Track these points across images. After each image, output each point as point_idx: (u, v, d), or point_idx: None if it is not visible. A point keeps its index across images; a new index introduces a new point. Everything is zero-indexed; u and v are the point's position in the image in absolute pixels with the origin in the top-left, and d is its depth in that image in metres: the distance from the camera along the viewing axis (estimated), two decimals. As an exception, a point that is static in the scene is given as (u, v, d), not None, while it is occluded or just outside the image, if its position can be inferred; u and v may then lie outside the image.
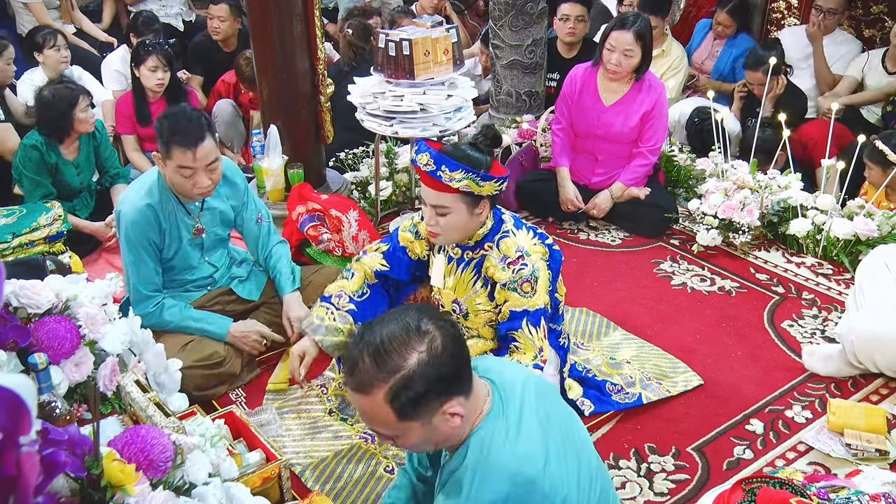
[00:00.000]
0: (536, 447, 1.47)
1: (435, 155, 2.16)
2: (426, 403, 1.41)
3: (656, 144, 3.64)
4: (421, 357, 1.39)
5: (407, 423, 1.42)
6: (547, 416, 1.54)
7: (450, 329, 1.45)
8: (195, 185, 2.48)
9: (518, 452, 1.46)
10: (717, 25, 4.92)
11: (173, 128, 2.43)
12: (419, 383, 1.38)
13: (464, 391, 1.46)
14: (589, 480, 1.54)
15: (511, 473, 1.43)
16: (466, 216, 2.23)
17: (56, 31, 4.50)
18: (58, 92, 3.42)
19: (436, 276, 2.45)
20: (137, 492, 1.40)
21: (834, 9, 4.45)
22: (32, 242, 3.15)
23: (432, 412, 1.42)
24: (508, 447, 1.46)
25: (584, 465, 1.54)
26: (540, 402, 1.56)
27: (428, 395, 1.40)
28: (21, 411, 0.87)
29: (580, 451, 1.56)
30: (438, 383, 1.40)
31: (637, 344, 2.91)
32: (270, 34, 3.32)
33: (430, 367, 1.39)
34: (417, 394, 1.39)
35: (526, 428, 1.49)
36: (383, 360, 1.39)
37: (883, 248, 2.93)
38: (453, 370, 1.42)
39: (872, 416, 2.43)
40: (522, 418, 1.51)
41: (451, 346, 1.43)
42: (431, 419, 1.43)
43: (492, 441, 1.47)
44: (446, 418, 1.44)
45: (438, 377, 1.40)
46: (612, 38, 3.45)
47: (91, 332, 1.79)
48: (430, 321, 1.44)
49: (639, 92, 3.56)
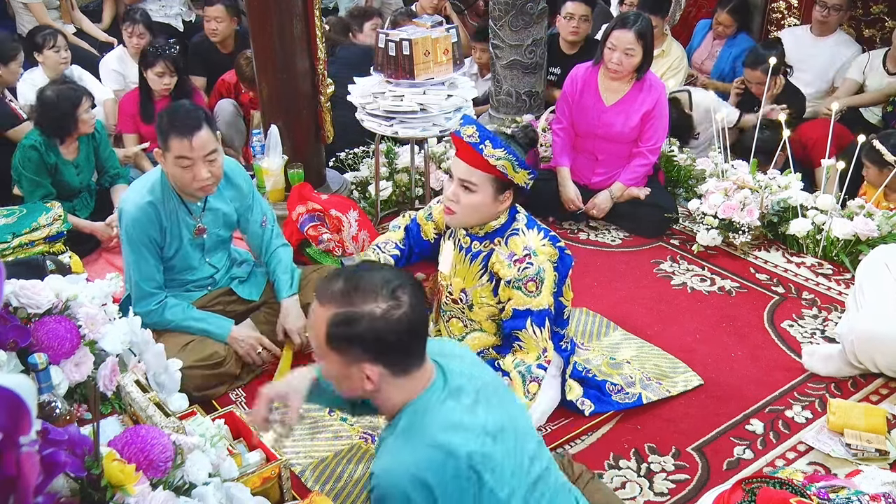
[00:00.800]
0: (466, 420, 1.53)
1: (481, 128, 2.21)
2: (352, 349, 1.48)
3: (656, 144, 3.64)
4: (375, 311, 1.46)
5: (330, 351, 1.51)
6: (485, 393, 1.61)
7: (417, 315, 1.50)
8: (195, 178, 2.48)
9: (447, 422, 1.52)
10: (718, 25, 4.92)
11: (171, 119, 2.45)
12: (358, 328, 1.46)
13: (391, 367, 1.51)
14: (527, 462, 1.62)
15: (435, 442, 1.49)
16: (490, 200, 2.25)
17: (56, 31, 4.50)
18: (61, 92, 3.42)
19: (444, 262, 2.48)
20: (137, 492, 1.40)
21: (839, 4, 4.45)
22: (32, 242, 3.15)
23: (353, 361, 1.49)
24: (439, 417, 1.52)
25: (520, 446, 1.61)
26: (481, 380, 1.64)
27: (357, 343, 1.47)
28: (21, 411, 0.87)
29: (518, 432, 1.62)
30: (373, 342, 1.47)
31: (637, 344, 2.91)
32: (270, 34, 3.32)
33: (375, 323, 1.45)
34: (351, 336, 1.47)
35: (460, 402, 1.56)
36: (350, 291, 1.48)
37: (883, 248, 2.93)
38: (392, 344, 1.48)
39: (872, 416, 2.43)
40: (461, 393, 1.57)
41: (406, 326, 1.47)
42: (350, 366, 1.50)
43: (424, 411, 1.53)
44: (361, 376, 1.51)
45: (376, 338, 1.46)
46: (613, 37, 3.45)
47: (91, 332, 1.79)
48: (410, 296, 1.49)
49: (639, 92, 3.56)
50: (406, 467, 1.47)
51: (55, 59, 4.31)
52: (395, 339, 1.47)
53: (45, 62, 4.33)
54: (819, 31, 4.61)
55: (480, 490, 1.51)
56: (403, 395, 1.56)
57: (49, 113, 3.40)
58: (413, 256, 2.71)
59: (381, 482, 1.49)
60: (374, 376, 1.50)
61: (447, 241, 2.49)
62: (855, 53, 4.56)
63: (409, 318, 1.47)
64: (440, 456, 1.48)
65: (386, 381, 1.53)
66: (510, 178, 2.21)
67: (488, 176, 2.21)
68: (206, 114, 2.54)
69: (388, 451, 1.53)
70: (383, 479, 1.48)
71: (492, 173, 2.20)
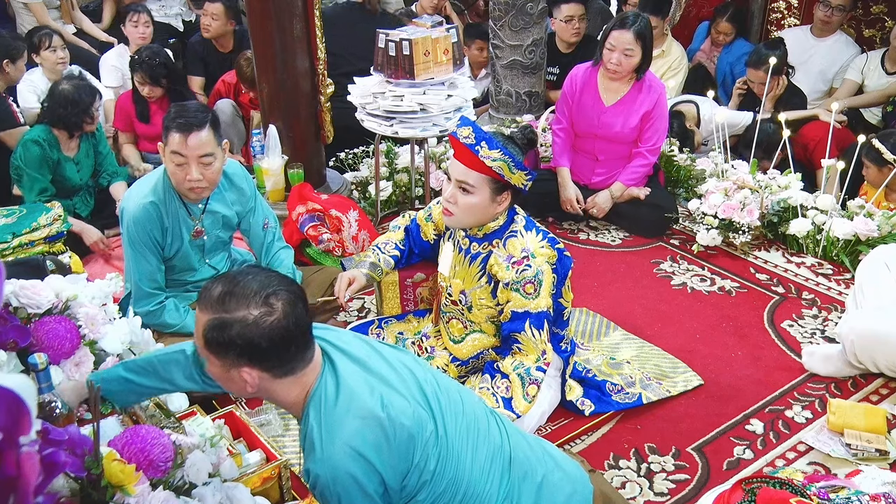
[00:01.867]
0: (365, 387, 1.57)
1: (477, 130, 2.21)
2: (227, 354, 1.49)
3: (656, 144, 3.64)
4: (248, 317, 1.46)
5: (209, 354, 1.52)
6: (373, 355, 1.65)
7: (291, 321, 1.49)
8: (186, 177, 2.47)
9: (358, 389, 1.55)
10: (718, 34, 4.91)
11: (177, 114, 2.45)
12: (230, 333, 1.46)
13: (270, 370, 1.51)
14: (450, 408, 1.67)
15: (354, 414, 1.52)
16: (487, 201, 2.24)
17: (52, 31, 4.49)
18: (80, 87, 3.44)
19: (443, 263, 2.48)
20: (137, 492, 1.41)
21: (842, 5, 4.45)
22: (32, 242, 3.14)
23: (230, 364, 1.50)
24: (342, 395, 1.54)
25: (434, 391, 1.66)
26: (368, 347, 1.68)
27: (231, 348, 1.47)
28: (21, 411, 0.87)
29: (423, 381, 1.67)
30: (246, 348, 1.47)
31: (637, 344, 2.91)
32: (270, 34, 3.32)
33: (247, 330, 1.46)
34: (223, 341, 1.47)
35: (351, 375, 1.58)
36: (225, 297, 1.48)
37: (883, 248, 2.93)
38: (266, 350, 1.48)
39: (872, 416, 2.43)
40: (345, 369, 1.59)
41: (279, 333, 1.47)
42: (229, 369, 1.51)
43: (324, 397, 1.55)
44: (241, 379, 1.51)
45: (248, 343, 1.46)
46: (612, 37, 3.45)
47: (91, 332, 1.79)
48: (284, 303, 1.49)
49: (639, 92, 3.56)
50: (340, 448, 1.48)
51: (52, 59, 4.32)
52: (267, 344, 1.47)
53: (43, 63, 4.33)
54: (820, 32, 4.61)
55: (410, 443, 1.55)
56: (297, 390, 1.57)
57: (64, 106, 3.41)
58: (413, 257, 2.71)
59: (321, 473, 1.49)
60: (251, 380, 1.51)
61: (447, 242, 2.49)
62: (854, 54, 4.56)
63: (282, 325, 1.47)
64: (370, 425, 1.51)
65: (268, 383, 1.53)
66: (507, 179, 2.21)
67: (485, 177, 2.21)
68: (214, 117, 2.52)
69: (314, 444, 1.52)
70: (322, 470, 1.49)
71: (488, 174, 2.20)
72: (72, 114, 3.42)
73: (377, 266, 2.61)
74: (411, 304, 2.82)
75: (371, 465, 1.50)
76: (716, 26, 4.91)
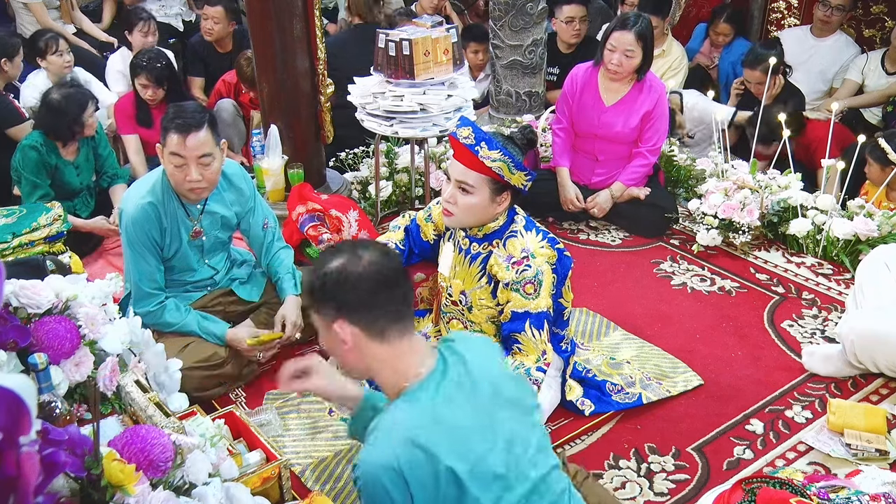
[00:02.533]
0: (456, 420, 1.52)
1: (477, 130, 2.21)
2: (323, 307, 1.58)
3: (656, 145, 3.64)
4: (336, 264, 1.56)
5: (315, 316, 1.61)
6: (483, 391, 1.59)
7: (378, 270, 1.55)
8: (186, 178, 2.47)
9: (434, 419, 1.51)
10: (717, 36, 4.91)
11: (174, 115, 2.45)
12: (322, 281, 1.56)
13: (361, 324, 1.55)
14: (524, 467, 1.59)
15: (417, 440, 1.47)
16: (487, 201, 2.24)
17: (57, 35, 4.50)
18: (69, 96, 3.41)
19: (443, 263, 2.48)
20: (137, 492, 1.40)
21: (842, 5, 4.45)
22: (32, 242, 3.14)
23: (329, 320, 1.57)
24: (428, 412, 1.52)
25: (515, 451, 1.58)
26: (486, 378, 1.61)
27: (325, 298, 1.57)
28: (21, 411, 0.87)
29: (515, 437, 1.60)
30: (335, 293, 1.55)
31: (637, 344, 2.91)
32: (270, 34, 3.32)
33: (334, 275, 1.55)
34: (317, 290, 1.58)
35: (453, 402, 1.54)
36: (322, 259, 1.61)
37: (883, 248, 2.93)
38: (353, 297, 1.54)
39: (872, 416, 2.43)
40: (457, 390, 1.56)
41: (366, 279, 1.54)
42: (329, 327, 1.58)
43: (413, 401, 1.54)
44: (337, 334, 1.56)
45: (336, 287, 1.55)
46: (613, 38, 3.45)
47: (91, 332, 1.79)
48: (371, 254, 1.57)
49: (640, 92, 3.56)
50: (385, 458, 1.47)
51: (59, 63, 4.32)
52: (353, 286, 1.54)
53: (49, 67, 4.33)
54: (820, 32, 4.61)
55: (462, 496, 1.50)
56: (389, 371, 1.59)
57: (55, 116, 3.39)
58: (413, 257, 2.71)
59: (362, 472, 1.49)
60: (345, 335, 1.55)
61: (447, 242, 2.49)
62: (854, 54, 4.56)
63: (369, 272, 1.54)
64: (421, 455, 1.47)
65: (363, 343, 1.56)
66: (506, 179, 2.21)
67: (484, 177, 2.21)
68: (212, 117, 2.53)
69: (373, 440, 1.52)
70: (363, 469, 1.49)
71: (488, 175, 2.20)
72: (61, 124, 3.41)
73: None
74: (411, 304, 2.82)
75: (408, 492, 1.47)
76: (714, 28, 4.91)
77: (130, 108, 4.16)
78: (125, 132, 4.21)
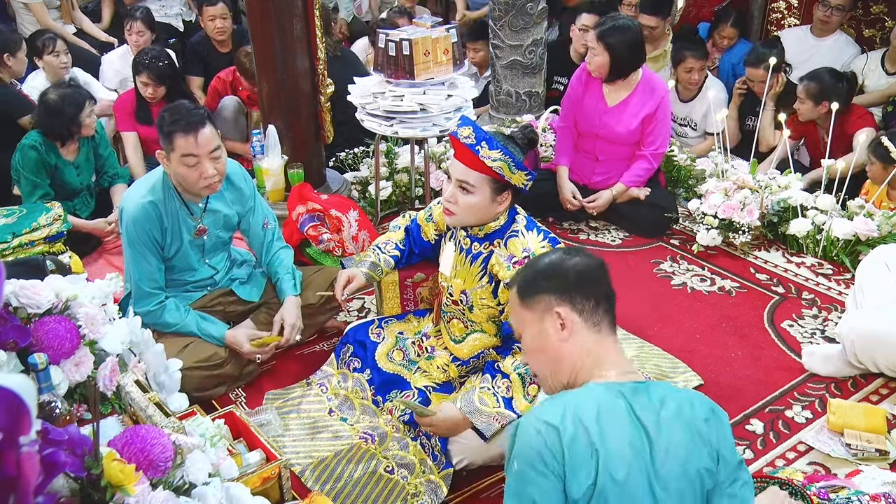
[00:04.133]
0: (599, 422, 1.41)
1: (478, 130, 2.21)
2: (539, 297, 1.57)
3: (659, 149, 3.63)
4: (551, 256, 1.63)
5: (524, 312, 1.59)
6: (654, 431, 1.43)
7: (590, 265, 1.59)
8: (201, 176, 2.47)
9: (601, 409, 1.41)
10: (722, 39, 4.91)
11: (173, 118, 2.45)
12: (538, 270, 1.60)
13: (580, 308, 1.55)
14: None
15: (582, 419, 1.38)
16: (487, 201, 2.25)
17: (55, 35, 4.49)
18: (66, 96, 3.41)
19: (444, 263, 2.48)
20: (137, 492, 1.40)
21: (841, 5, 4.45)
22: (32, 242, 3.14)
23: (544, 309, 1.55)
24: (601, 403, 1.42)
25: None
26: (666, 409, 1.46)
27: (541, 286, 1.57)
28: (21, 411, 0.87)
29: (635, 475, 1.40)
30: (554, 278, 1.56)
31: (637, 344, 2.91)
32: (270, 34, 3.32)
33: (552, 264, 1.59)
34: (533, 280, 1.59)
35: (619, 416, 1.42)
36: (528, 265, 1.67)
37: (883, 248, 2.93)
38: (572, 280, 1.56)
39: (872, 416, 2.43)
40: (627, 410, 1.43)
41: (581, 268, 1.58)
42: (543, 319, 1.56)
43: (582, 391, 1.47)
44: (556, 326, 1.54)
45: (555, 273, 1.57)
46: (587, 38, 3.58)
47: (91, 332, 1.79)
48: (580, 254, 1.62)
49: (642, 94, 3.56)
50: (553, 418, 1.39)
51: (55, 63, 4.32)
52: (573, 275, 1.56)
53: (46, 67, 4.33)
54: (820, 32, 4.61)
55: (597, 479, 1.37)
56: (586, 359, 1.53)
57: (52, 117, 3.39)
58: (413, 257, 2.71)
59: (517, 428, 1.42)
60: (566, 318, 1.53)
61: (448, 242, 2.49)
62: (854, 54, 4.56)
63: (583, 264, 1.58)
64: (582, 433, 1.37)
65: (578, 332, 1.54)
66: (507, 179, 2.21)
67: (485, 177, 2.21)
68: (208, 111, 2.55)
69: (542, 404, 1.46)
70: (519, 427, 1.42)
71: (488, 174, 2.20)
72: (57, 124, 3.40)
73: (377, 266, 2.62)
74: (411, 303, 2.82)
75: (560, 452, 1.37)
76: (720, 31, 4.90)
77: (130, 106, 4.17)
78: (124, 129, 4.21)
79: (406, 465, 2.35)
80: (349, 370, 2.67)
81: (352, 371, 2.66)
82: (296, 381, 2.75)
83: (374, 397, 2.58)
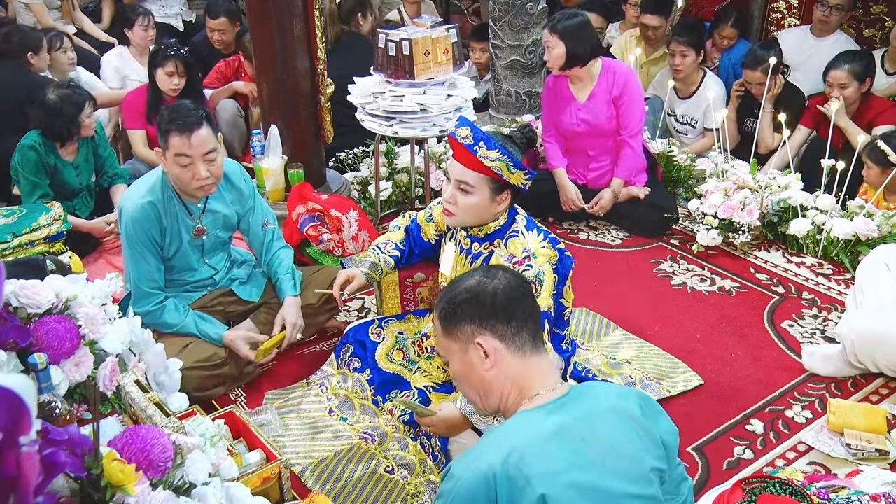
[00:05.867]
0: (563, 454, 1.39)
1: (476, 130, 2.22)
2: (459, 325, 1.56)
3: (634, 130, 3.62)
4: (470, 282, 1.60)
5: (449, 342, 1.59)
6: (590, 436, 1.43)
7: (512, 287, 1.58)
8: (194, 177, 2.47)
9: (539, 449, 1.39)
10: (722, 39, 4.90)
11: (171, 117, 2.45)
12: (457, 300, 1.58)
13: (502, 335, 1.54)
14: None
15: (520, 462, 1.36)
16: (487, 201, 2.25)
17: (62, 33, 4.51)
18: (66, 97, 3.40)
19: (445, 263, 2.48)
20: (137, 492, 1.40)
21: (840, 4, 4.45)
22: (32, 242, 3.14)
23: (467, 338, 1.55)
24: (537, 442, 1.40)
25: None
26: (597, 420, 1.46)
27: (462, 315, 1.56)
28: (21, 411, 0.87)
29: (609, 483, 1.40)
30: (474, 306, 1.55)
31: (637, 344, 2.91)
32: (270, 34, 3.32)
33: (471, 291, 1.57)
34: (453, 309, 1.57)
35: (565, 441, 1.41)
36: (449, 287, 1.65)
37: (883, 248, 2.93)
38: (491, 306, 1.54)
39: (872, 416, 2.43)
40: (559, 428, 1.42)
41: (502, 292, 1.56)
42: (467, 349, 1.56)
43: (527, 421, 1.46)
44: (479, 356, 1.54)
45: (474, 301, 1.56)
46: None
47: (91, 332, 1.79)
48: (503, 275, 1.61)
49: (606, 81, 3.58)
50: (487, 464, 1.37)
51: (63, 59, 4.32)
52: (491, 300, 1.54)
53: (54, 63, 4.32)
54: (819, 32, 4.61)
55: None
56: (516, 393, 1.52)
57: (52, 117, 3.39)
58: (413, 257, 2.71)
59: (454, 473, 1.40)
60: (488, 348, 1.53)
61: (448, 242, 2.49)
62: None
63: (505, 287, 1.57)
64: (520, 479, 1.35)
65: (502, 359, 1.53)
66: (506, 179, 2.21)
67: (484, 177, 2.21)
68: (207, 113, 2.54)
69: (475, 449, 1.44)
70: (457, 471, 1.40)
71: (487, 174, 2.20)
72: (56, 125, 3.40)
73: (377, 266, 2.62)
74: (411, 304, 2.82)
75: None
76: (720, 32, 4.90)
77: (141, 105, 4.13)
78: (132, 127, 4.18)
79: (406, 465, 2.35)
80: (349, 370, 2.67)
81: (352, 371, 2.66)
82: (296, 381, 2.75)
83: (374, 397, 2.58)
